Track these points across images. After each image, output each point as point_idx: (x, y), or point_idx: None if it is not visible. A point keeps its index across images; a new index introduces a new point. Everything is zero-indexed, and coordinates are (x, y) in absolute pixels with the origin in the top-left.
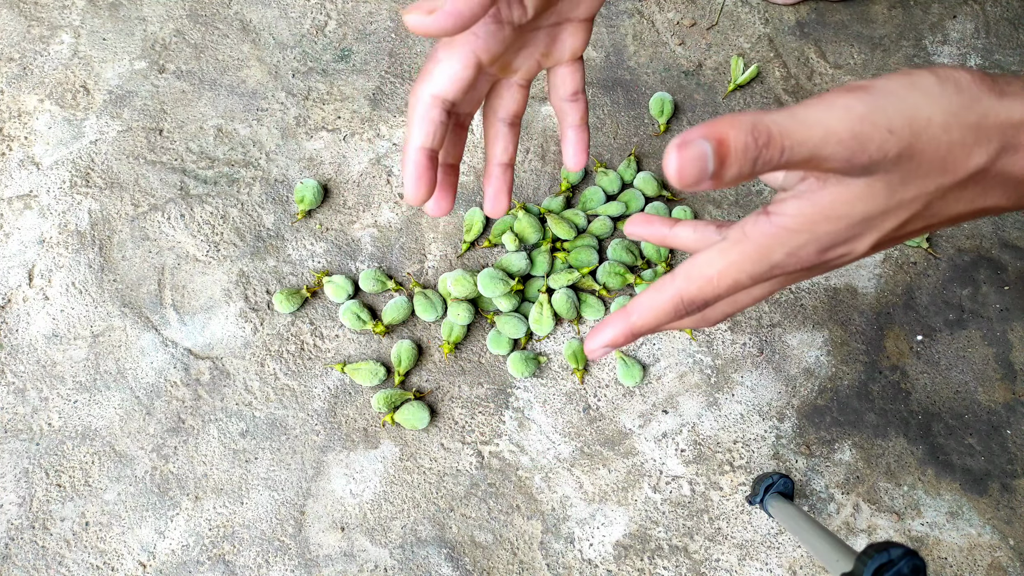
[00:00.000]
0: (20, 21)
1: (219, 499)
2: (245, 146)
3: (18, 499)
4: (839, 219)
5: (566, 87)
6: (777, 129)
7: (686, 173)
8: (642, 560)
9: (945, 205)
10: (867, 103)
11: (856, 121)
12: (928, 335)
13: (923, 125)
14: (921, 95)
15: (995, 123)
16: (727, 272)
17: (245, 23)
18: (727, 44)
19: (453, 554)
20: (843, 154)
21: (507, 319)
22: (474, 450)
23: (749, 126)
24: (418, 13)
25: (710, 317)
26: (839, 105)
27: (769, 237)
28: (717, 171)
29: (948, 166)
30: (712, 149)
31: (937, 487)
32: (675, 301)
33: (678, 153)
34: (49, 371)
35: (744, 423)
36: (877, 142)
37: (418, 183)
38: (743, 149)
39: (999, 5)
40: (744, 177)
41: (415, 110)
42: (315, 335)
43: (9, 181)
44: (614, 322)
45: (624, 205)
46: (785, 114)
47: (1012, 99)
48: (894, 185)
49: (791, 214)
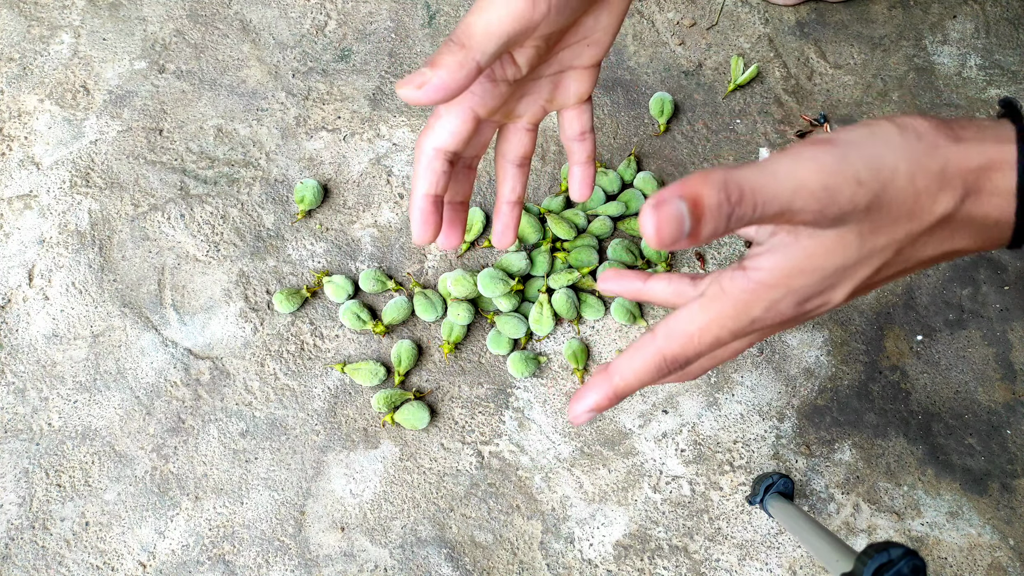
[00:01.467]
0: (20, 21)
1: (219, 499)
2: (245, 146)
3: (18, 499)
4: (814, 271)
5: (573, 128)
6: (748, 186)
7: (664, 233)
8: (642, 560)
9: (915, 251)
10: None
11: (825, 174)
12: (928, 335)
13: (889, 176)
14: (884, 145)
15: (957, 170)
16: (708, 329)
17: (245, 23)
18: (727, 44)
19: (453, 554)
20: (814, 207)
21: (507, 319)
22: (474, 450)
23: (721, 183)
24: (409, 87)
25: (690, 372)
26: (807, 157)
27: (747, 293)
28: (693, 229)
29: (916, 213)
30: (688, 208)
31: (937, 487)
32: (657, 360)
33: (655, 212)
34: (49, 371)
35: (744, 423)
36: (847, 194)
37: (424, 226)
38: (716, 207)
39: (999, 5)
40: (719, 234)
41: (419, 162)
42: (315, 335)
43: (9, 181)
44: (597, 386)
45: (624, 205)
46: (755, 170)
47: (968, 144)
48: (865, 235)
49: (767, 268)
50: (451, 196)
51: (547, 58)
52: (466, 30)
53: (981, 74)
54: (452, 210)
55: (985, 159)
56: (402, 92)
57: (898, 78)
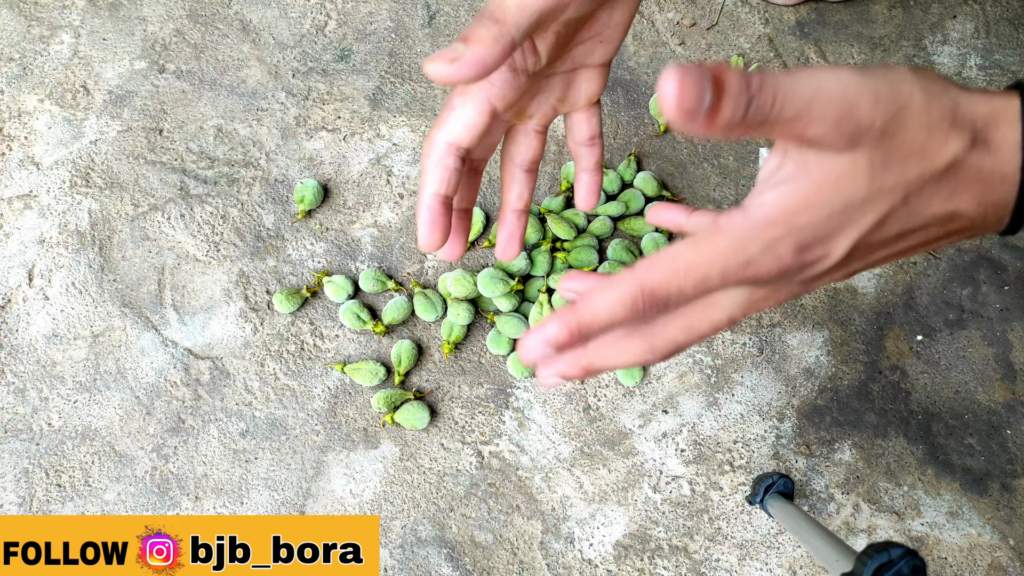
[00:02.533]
0: (20, 21)
1: (219, 499)
2: (245, 146)
3: (18, 499)
4: (820, 206)
5: (582, 132)
6: (770, 80)
7: (685, 97)
8: (642, 560)
9: (921, 201)
10: (855, 72)
11: (846, 84)
12: (928, 335)
13: (906, 99)
14: (902, 77)
15: (967, 113)
16: (696, 265)
17: (245, 23)
18: (727, 44)
19: (453, 554)
20: (832, 115)
21: (507, 319)
22: (474, 450)
23: (742, 72)
24: (441, 62)
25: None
26: (828, 71)
27: (745, 230)
28: (713, 105)
29: (927, 152)
30: (710, 82)
31: (937, 487)
32: (634, 292)
33: (678, 75)
34: (49, 371)
35: (744, 423)
36: (865, 108)
37: (432, 229)
38: (737, 89)
39: (999, 5)
40: (735, 124)
41: (430, 157)
42: (315, 335)
43: (9, 181)
44: (558, 316)
45: (624, 205)
46: (775, 73)
47: (977, 95)
48: (876, 167)
49: (769, 203)
50: (457, 202)
51: (563, 52)
52: (500, 4)
53: (981, 74)
54: (456, 217)
55: (991, 108)
56: (432, 68)
57: None
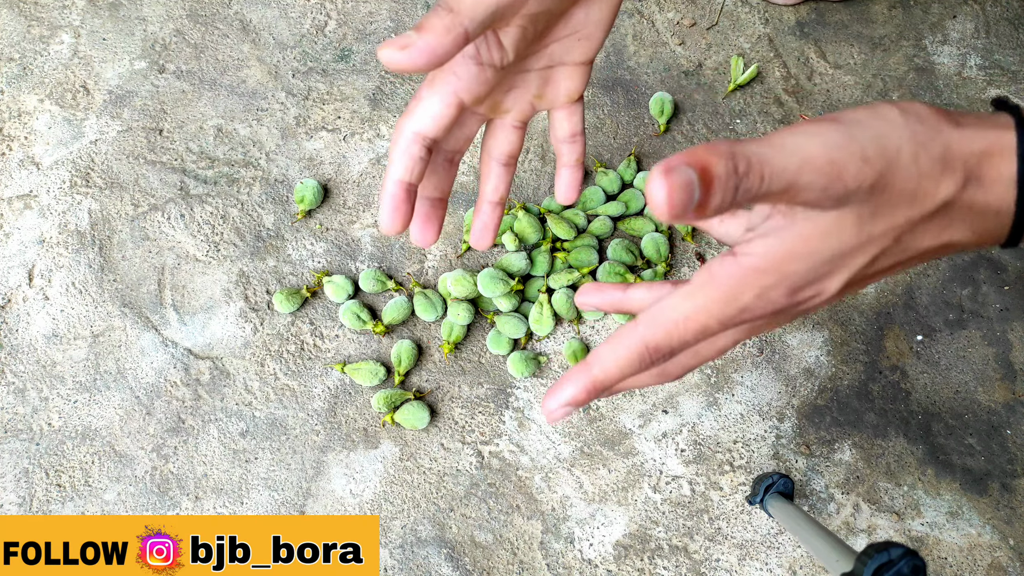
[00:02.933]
0: (20, 21)
1: (219, 499)
2: (245, 146)
3: (18, 499)
4: (809, 256)
5: (563, 129)
6: (756, 158)
7: (675, 200)
8: (642, 560)
9: (913, 239)
10: (840, 132)
11: (832, 149)
12: (928, 335)
13: (894, 154)
14: (888, 126)
15: (958, 154)
16: (695, 317)
17: (245, 23)
18: (727, 44)
19: (453, 554)
20: (820, 183)
21: (507, 319)
22: (474, 450)
23: (728, 154)
24: (392, 49)
25: (670, 371)
26: (812, 133)
27: (737, 279)
28: (703, 199)
29: (918, 198)
30: (697, 176)
31: (937, 487)
32: (640, 350)
33: (665, 178)
34: (49, 371)
35: (744, 423)
36: (853, 171)
37: (393, 214)
38: (725, 177)
39: (999, 5)
40: (725, 207)
41: (396, 144)
42: (315, 335)
43: (9, 181)
44: (574, 377)
45: (624, 205)
46: (760, 143)
47: (969, 129)
48: (864, 219)
49: (759, 253)
50: (429, 191)
51: (535, 48)
52: None
53: (981, 74)
54: (430, 205)
55: (986, 144)
56: (384, 54)
57: (898, 78)
